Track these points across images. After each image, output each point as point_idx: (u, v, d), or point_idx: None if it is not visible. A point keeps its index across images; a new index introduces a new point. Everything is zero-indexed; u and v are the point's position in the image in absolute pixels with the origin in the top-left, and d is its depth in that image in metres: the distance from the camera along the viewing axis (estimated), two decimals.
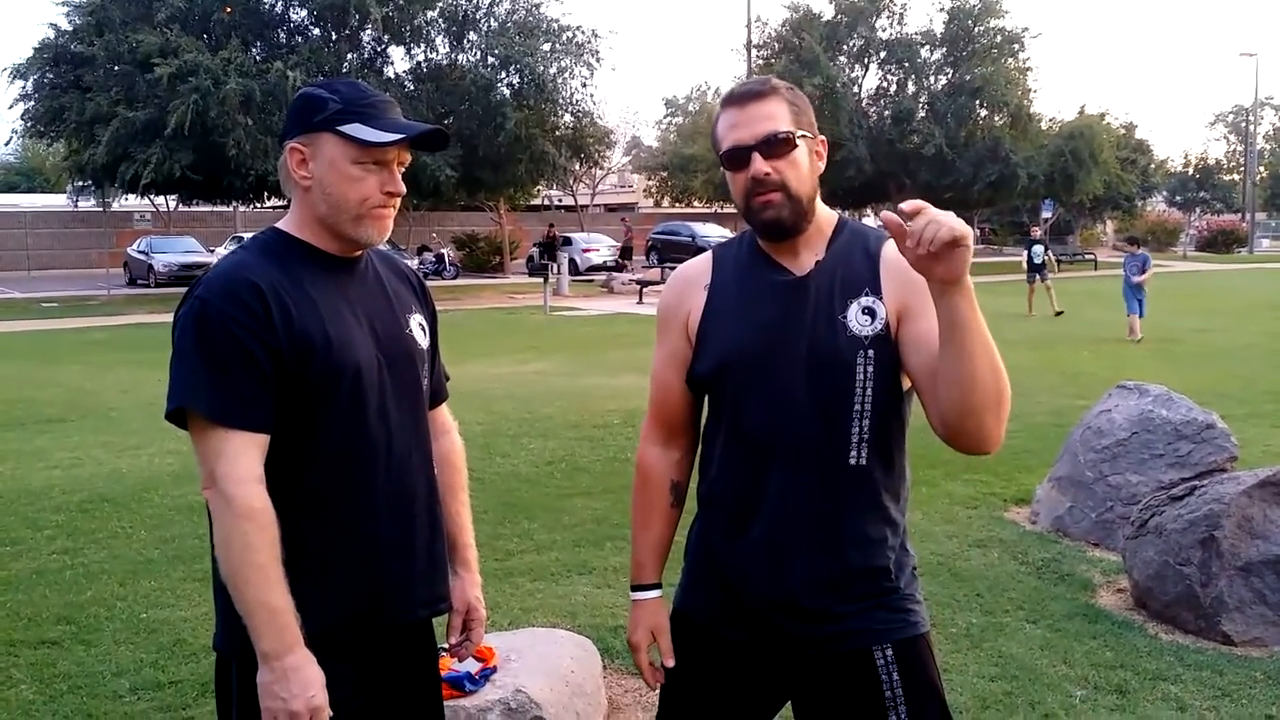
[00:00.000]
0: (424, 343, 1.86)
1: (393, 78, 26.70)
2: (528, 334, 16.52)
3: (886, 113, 35.43)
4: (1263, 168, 60.43)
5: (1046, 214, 35.40)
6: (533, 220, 41.39)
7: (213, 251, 30.10)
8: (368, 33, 26.35)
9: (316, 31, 26.25)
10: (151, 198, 29.97)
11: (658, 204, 50.26)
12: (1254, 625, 3.96)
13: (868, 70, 36.49)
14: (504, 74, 26.12)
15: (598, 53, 27.58)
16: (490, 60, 26.21)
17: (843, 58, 35.61)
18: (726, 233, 32.50)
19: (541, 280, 23.32)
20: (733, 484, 1.75)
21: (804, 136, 1.71)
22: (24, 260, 36.38)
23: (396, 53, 27.52)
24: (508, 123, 24.52)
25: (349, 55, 25.84)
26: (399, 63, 27.74)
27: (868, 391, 1.67)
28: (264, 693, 1.57)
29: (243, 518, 1.56)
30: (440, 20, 26.75)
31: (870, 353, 1.66)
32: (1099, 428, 5.41)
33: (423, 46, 27.25)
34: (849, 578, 1.70)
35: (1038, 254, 18.40)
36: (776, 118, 1.68)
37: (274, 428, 1.63)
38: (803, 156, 1.70)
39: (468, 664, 2.86)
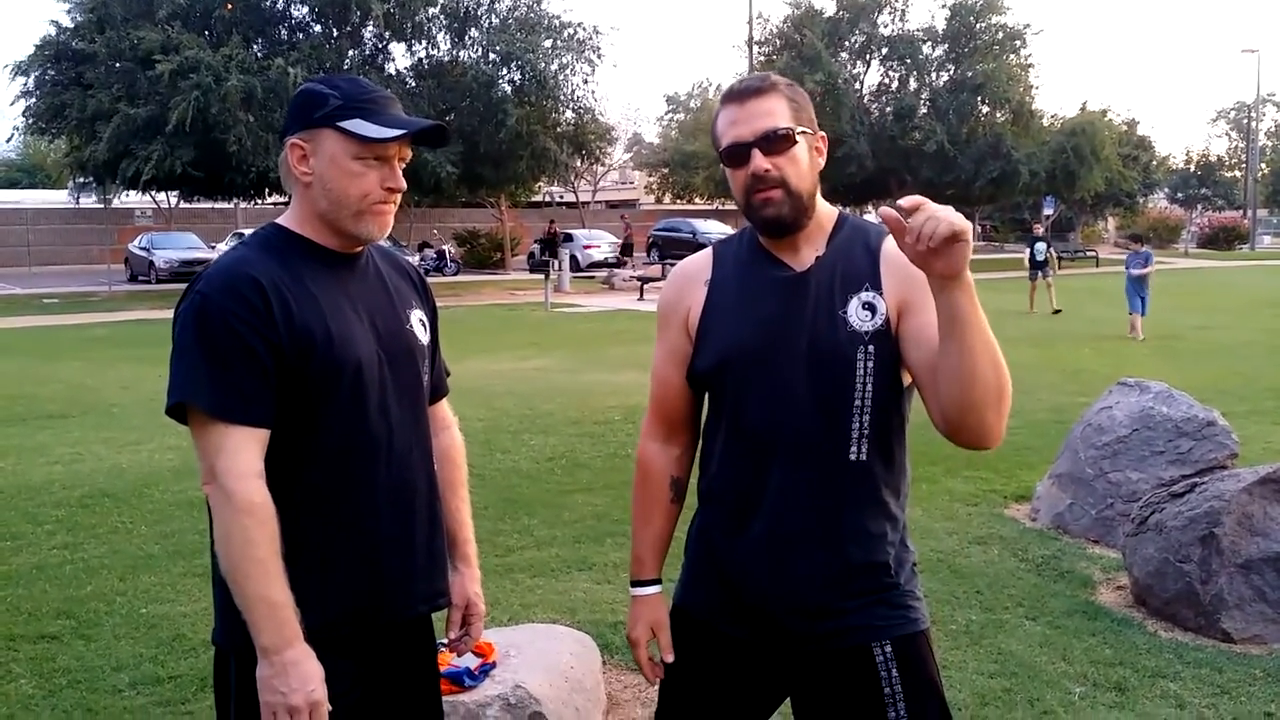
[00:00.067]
0: (424, 338, 1.86)
1: (394, 74, 26.68)
2: (528, 330, 16.52)
3: (888, 109, 35.35)
4: (1264, 164, 60.35)
5: (1048, 211, 35.32)
6: (534, 217, 41.35)
7: (214, 248, 30.04)
8: (369, 29, 26.32)
9: (318, 28, 26.24)
10: (153, 194, 29.94)
11: (659, 201, 50.24)
12: (1254, 623, 3.96)
13: (869, 66, 36.42)
14: (505, 70, 26.09)
15: (599, 49, 27.59)
16: (491, 57, 26.17)
17: (844, 54, 35.52)
18: (728, 229, 32.41)
19: (542, 277, 23.30)
20: (733, 480, 1.75)
21: (804, 133, 1.70)
22: (25, 256, 36.41)
23: (398, 49, 27.55)
24: (509, 119, 24.51)
25: (350, 52, 25.84)
26: (400, 59, 27.77)
27: (868, 387, 1.67)
28: (263, 687, 1.57)
29: (243, 512, 1.56)
30: (441, 17, 26.71)
31: (870, 348, 1.66)
32: (1100, 424, 5.41)
33: (424, 43, 27.23)
34: (849, 573, 1.70)
35: (1040, 251, 18.38)
36: (776, 114, 1.68)
37: (274, 423, 1.63)
38: (802, 153, 1.70)
39: (467, 659, 2.87)
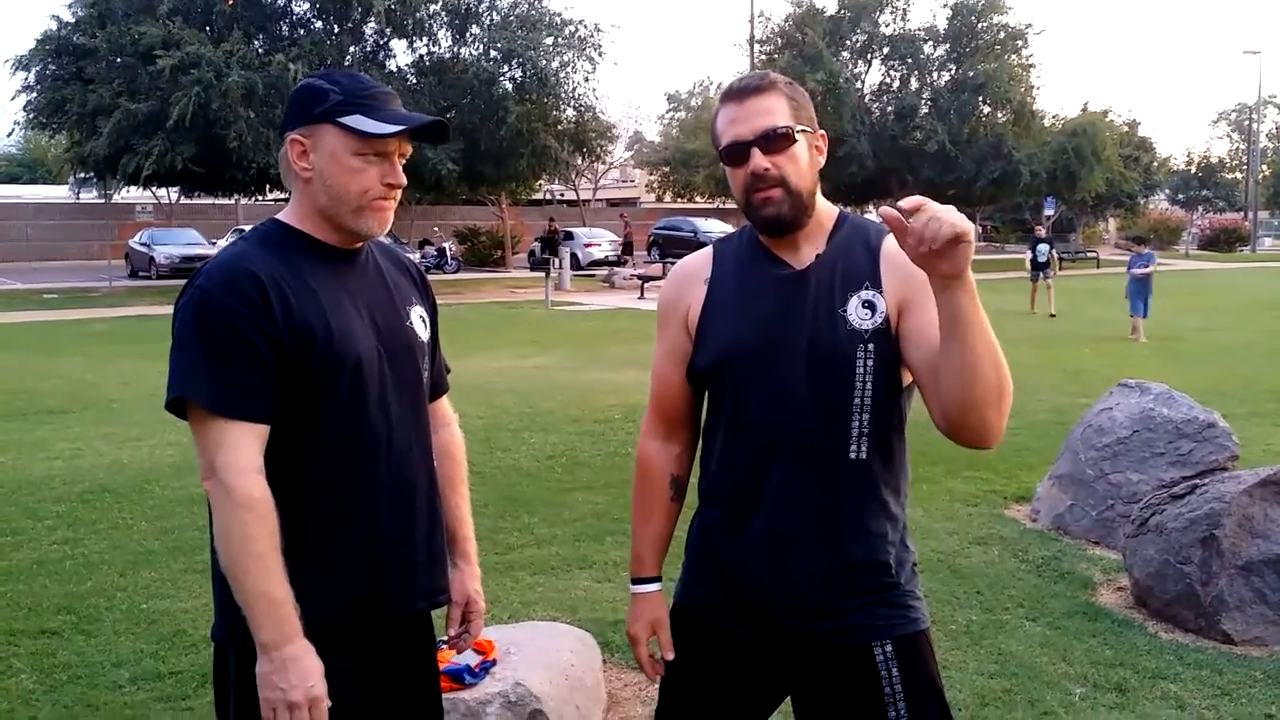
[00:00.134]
0: (424, 335, 1.86)
1: (395, 71, 26.67)
2: (529, 328, 16.51)
3: (889, 109, 35.34)
4: (1265, 166, 60.38)
5: (1049, 211, 35.30)
6: (534, 215, 41.34)
7: (214, 244, 30.08)
8: (370, 25, 26.30)
9: (319, 24, 26.24)
10: (153, 190, 30.00)
11: (660, 199, 50.25)
12: (1254, 624, 3.96)
13: (870, 66, 36.39)
14: (506, 68, 26.09)
15: (600, 47, 27.58)
16: (493, 54, 26.17)
17: (845, 53, 35.50)
18: (729, 228, 32.28)
19: (543, 275, 23.32)
20: (733, 478, 1.75)
21: (803, 131, 1.70)
22: (26, 251, 36.40)
23: (399, 46, 27.61)
24: (510, 117, 24.51)
25: (351, 48, 25.84)
26: (401, 56, 27.92)
27: (868, 385, 1.66)
28: (263, 683, 1.57)
29: (242, 508, 1.56)
30: (443, 13, 26.70)
31: (870, 346, 1.66)
32: (1100, 426, 5.41)
33: (425, 40, 27.23)
34: (850, 572, 1.70)
35: (1042, 252, 18.35)
36: (775, 113, 1.67)
37: (274, 419, 1.63)
38: (802, 151, 1.69)
39: (467, 656, 2.87)
